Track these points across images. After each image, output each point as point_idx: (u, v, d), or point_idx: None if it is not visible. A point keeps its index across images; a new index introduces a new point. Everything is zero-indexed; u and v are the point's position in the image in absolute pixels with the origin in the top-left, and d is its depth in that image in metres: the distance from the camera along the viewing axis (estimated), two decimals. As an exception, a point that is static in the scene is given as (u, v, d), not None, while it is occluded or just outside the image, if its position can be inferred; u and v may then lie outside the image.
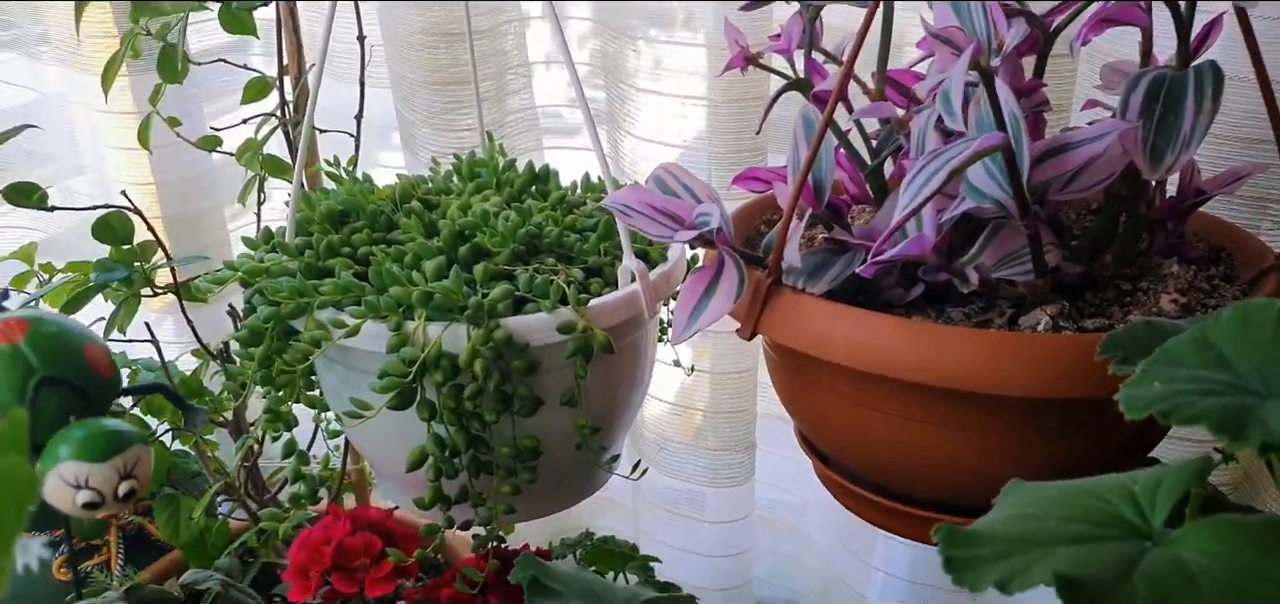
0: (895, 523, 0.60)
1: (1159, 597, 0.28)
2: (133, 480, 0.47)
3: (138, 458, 0.48)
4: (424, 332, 0.58)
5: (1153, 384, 0.32)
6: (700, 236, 0.52)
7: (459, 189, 0.74)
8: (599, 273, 0.65)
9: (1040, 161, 0.48)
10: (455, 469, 0.62)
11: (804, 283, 0.53)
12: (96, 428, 0.50)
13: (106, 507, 0.44)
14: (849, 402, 0.55)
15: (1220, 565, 0.29)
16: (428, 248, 0.63)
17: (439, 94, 0.89)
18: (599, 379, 0.63)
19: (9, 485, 0.19)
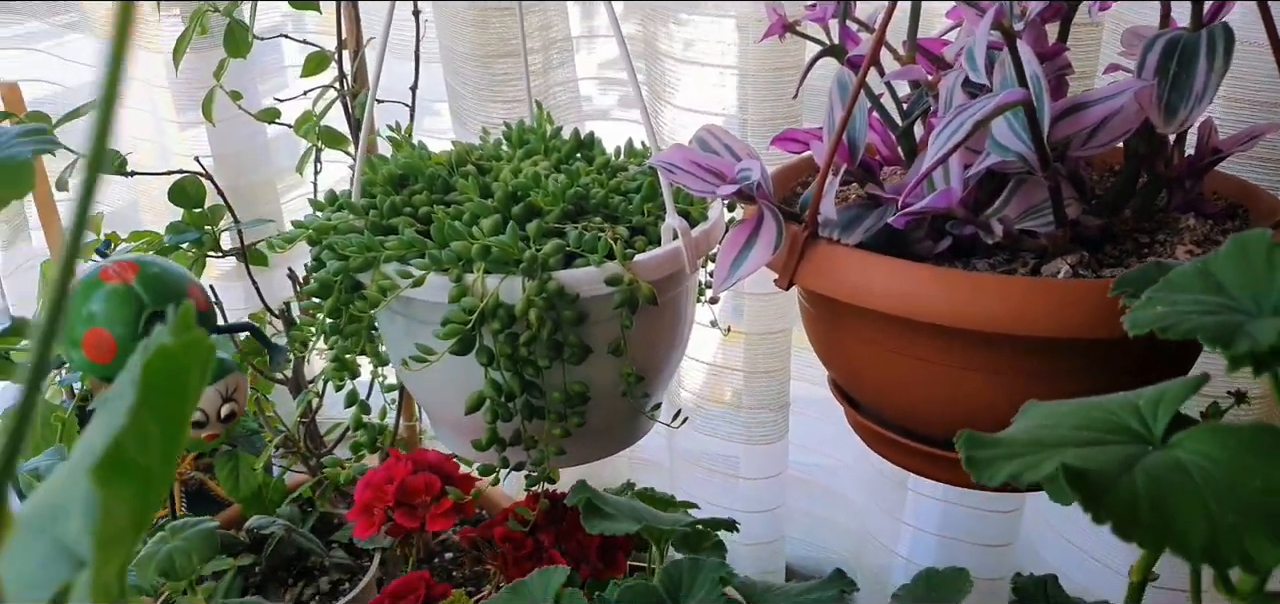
0: (926, 466, 0.63)
1: (1156, 488, 0.31)
2: (232, 403, 0.52)
3: (236, 383, 0.53)
4: (482, 283, 0.63)
5: (1156, 307, 0.35)
6: (740, 191, 0.56)
7: (509, 155, 0.78)
8: (642, 231, 0.69)
9: (1060, 118, 0.52)
10: (510, 412, 0.66)
11: (839, 234, 0.57)
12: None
13: (210, 427, 0.49)
14: (881, 348, 0.59)
15: (1212, 464, 0.32)
16: (484, 206, 0.67)
17: (487, 68, 0.93)
18: (643, 331, 0.67)
19: (196, 352, 0.23)
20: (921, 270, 0.53)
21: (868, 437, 0.67)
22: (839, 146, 0.56)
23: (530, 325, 0.62)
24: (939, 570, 0.74)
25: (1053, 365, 0.54)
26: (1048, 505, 0.94)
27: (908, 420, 0.63)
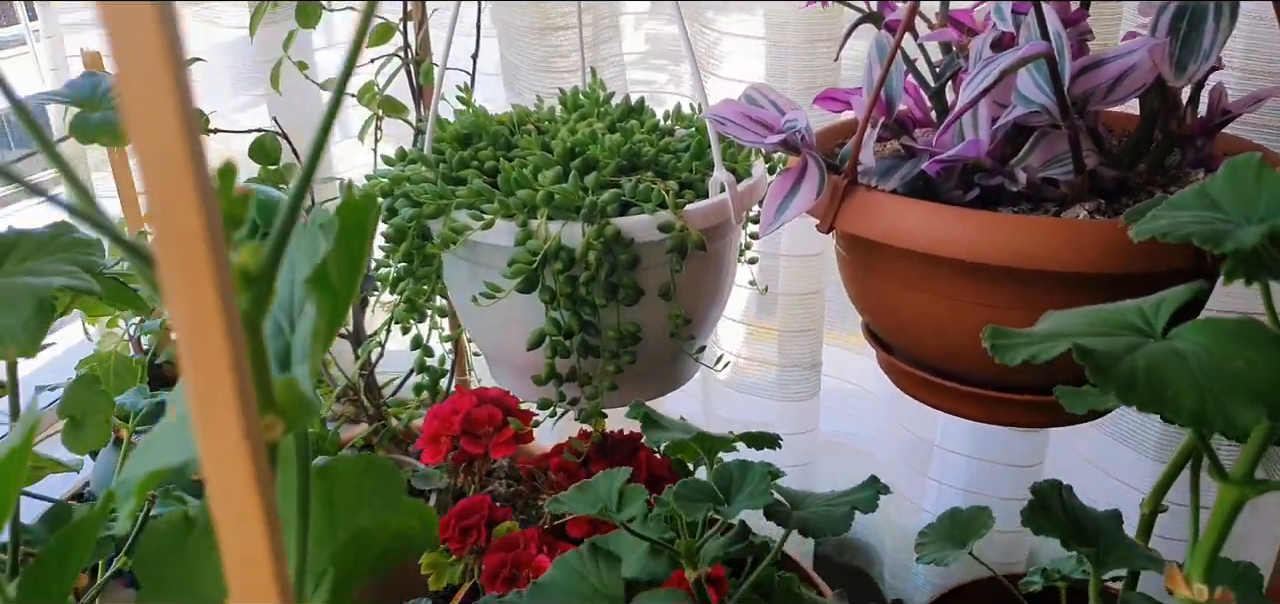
0: (955, 403, 0.68)
1: (1154, 365, 0.37)
2: None
3: None
4: (546, 227, 0.69)
5: (1158, 221, 0.40)
6: (786, 140, 0.62)
7: (564, 117, 0.84)
8: (690, 186, 0.74)
9: (1080, 74, 0.57)
10: (568, 349, 0.72)
11: (876, 181, 0.62)
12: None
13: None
14: (913, 288, 0.64)
15: (1203, 349, 0.37)
16: (546, 159, 0.73)
17: (542, 40, 0.99)
18: (691, 277, 0.73)
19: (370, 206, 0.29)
20: (951, 211, 0.59)
21: (897, 376, 0.72)
22: (877, 101, 0.62)
23: (589, 266, 0.68)
24: (962, 510, 0.79)
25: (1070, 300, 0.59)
26: (1067, 466, 0.99)
27: (937, 359, 0.68)
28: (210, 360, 0.19)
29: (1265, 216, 0.37)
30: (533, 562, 0.67)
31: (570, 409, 0.76)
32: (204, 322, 0.18)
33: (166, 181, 0.17)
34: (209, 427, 0.19)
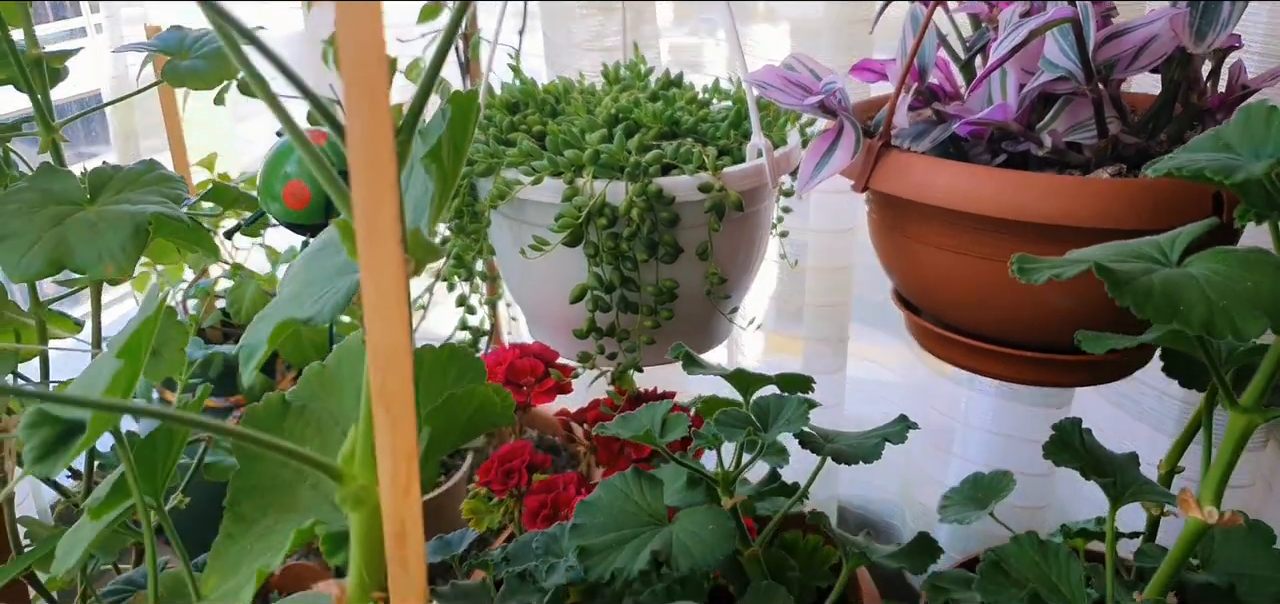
0: (980, 361, 0.72)
1: (1168, 285, 0.40)
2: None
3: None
4: (591, 185, 0.73)
5: (1175, 161, 0.44)
6: (823, 103, 0.65)
7: (607, 89, 0.88)
8: (727, 152, 0.78)
9: (1105, 43, 0.60)
10: (608, 304, 0.76)
11: (909, 144, 0.65)
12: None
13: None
14: (943, 248, 0.67)
15: (1214, 272, 0.41)
16: (592, 122, 0.77)
17: (582, 23, 1.03)
18: (727, 238, 0.77)
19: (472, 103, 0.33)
20: (981, 170, 0.62)
21: (925, 338, 0.75)
22: (911, 68, 0.65)
23: (631, 222, 0.72)
24: (984, 474, 0.82)
25: (1092, 259, 0.62)
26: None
27: (964, 319, 0.71)
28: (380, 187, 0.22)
29: (1274, 153, 0.40)
30: (572, 502, 0.71)
31: (608, 364, 0.80)
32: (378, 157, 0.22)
33: (366, 69, 0.21)
34: (373, 237, 0.23)
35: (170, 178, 0.59)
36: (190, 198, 0.61)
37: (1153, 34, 0.59)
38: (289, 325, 0.31)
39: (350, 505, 0.28)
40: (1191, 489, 0.48)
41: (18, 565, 0.57)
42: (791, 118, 0.85)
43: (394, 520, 0.26)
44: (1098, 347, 0.52)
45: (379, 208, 0.23)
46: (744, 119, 0.80)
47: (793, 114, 0.86)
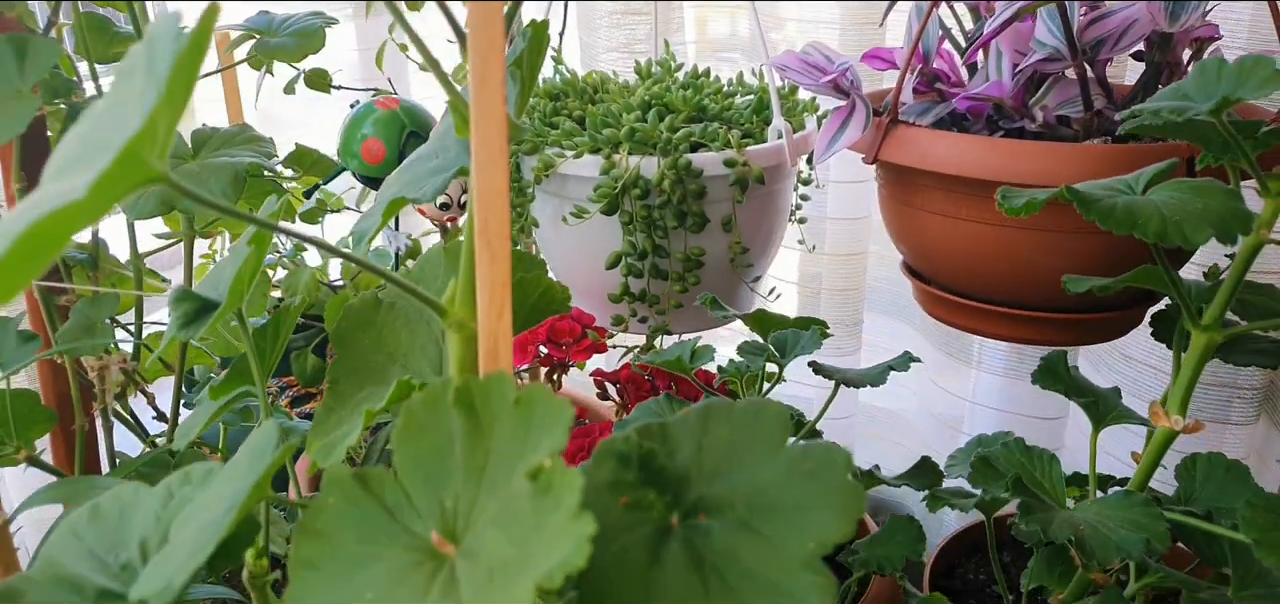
0: (982, 322, 0.78)
1: (1129, 205, 0.47)
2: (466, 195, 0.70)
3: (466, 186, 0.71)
4: (627, 160, 0.80)
5: (1142, 114, 0.50)
6: (836, 81, 0.72)
7: (640, 80, 0.96)
8: (750, 136, 0.85)
9: (1090, 25, 0.67)
10: (640, 271, 0.83)
11: (913, 119, 0.72)
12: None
13: (452, 210, 0.67)
14: (944, 215, 0.74)
15: (1169, 198, 0.47)
16: (628, 105, 0.85)
17: (618, 27, 1.11)
18: (749, 212, 0.84)
19: (545, 35, 0.41)
20: (978, 139, 0.69)
21: (931, 303, 0.82)
22: (915, 51, 0.72)
23: (663, 193, 0.79)
24: (988, 436, 0.88)
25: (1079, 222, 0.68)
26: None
27: (967, 283, 0.77)
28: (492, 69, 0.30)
29: (1221, 95, 0.47)
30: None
31: (640, 327, 0.87)
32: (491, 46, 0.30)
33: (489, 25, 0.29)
34: (484, 105, 0.30)
35: (259, 139, 0.68)
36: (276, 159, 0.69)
37: (1133, 17, 0.66)
38: (400, 202, 0.39)
39: (453, 330, 0.35)
40: (1160, 402, 0.54)
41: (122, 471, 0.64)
42: (809, 107, 0.93)
43: (488, 339, 0.33)
44: (1079, 287, 0.59)
45: (490, 84, 0.30)
46: (764, 108, 0.88)
47: (810, 104, 0.93)
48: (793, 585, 0.27)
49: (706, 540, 0.29)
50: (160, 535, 0.38)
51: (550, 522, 0.25)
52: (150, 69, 0.30)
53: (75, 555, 0.39)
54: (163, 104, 0.26)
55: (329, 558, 0.29)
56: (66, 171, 0.31)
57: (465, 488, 0.28)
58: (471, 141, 0.31)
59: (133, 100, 0.30)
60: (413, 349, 0.47)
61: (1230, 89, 0.47)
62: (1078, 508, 0.52)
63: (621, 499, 0.31)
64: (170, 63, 0.27)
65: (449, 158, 0.42)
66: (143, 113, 0.26)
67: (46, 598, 0.38)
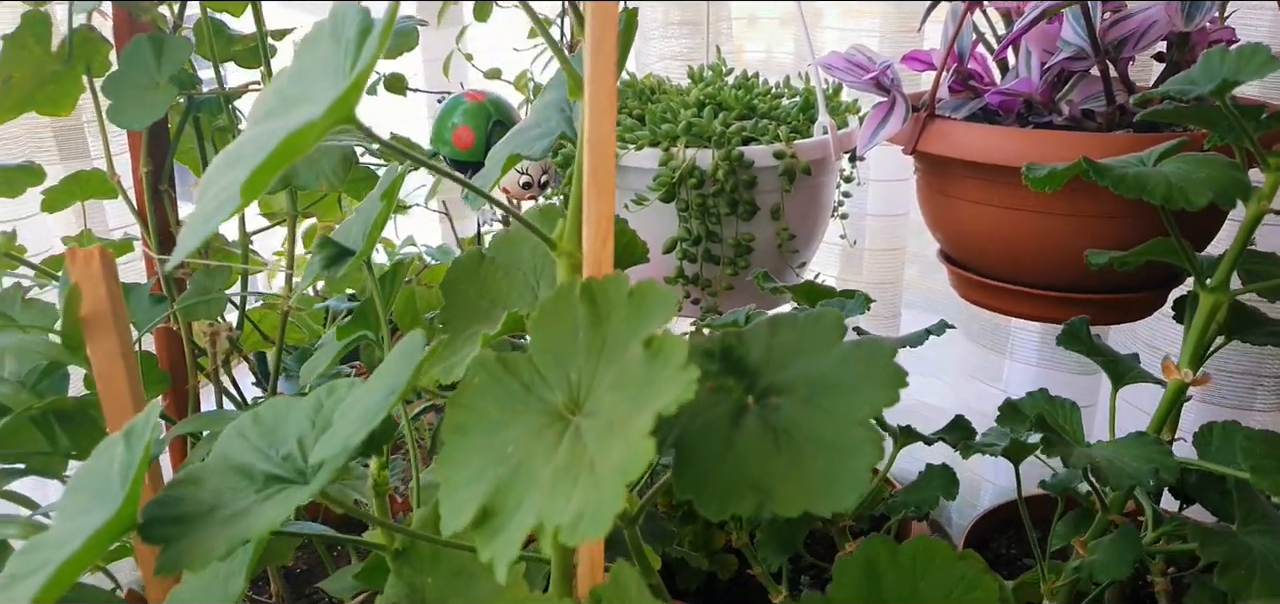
0: (1012, 303, 0.84)
1: (1140, 174, 0.53)
2: (547, 175, 0.77)
3: (548, 165, 0.79)
4: (683, 152, 0.88)
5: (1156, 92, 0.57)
6: (877, 79, 0.79)
7: (693, 83, 1.04)
8: (797, 132, 0.92)
9: (1113, 25, 0.74)
10: (695, 255, 0.90)
11: (949, 113, 0.79)
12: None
13: (532, 188, 0.74)
14: (978, 203, 0.80)
15: (1177, 168, 0.54)
16: (685, 102, 0.92)
17: (669, 37, 1.19)
18: (796, 202, 0.91)
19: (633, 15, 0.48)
20: (1010, 130, 0.76)
21: (966, 287, 0.88)
22: (951, 51, 0.79)
23: (717, 182, 0.86)
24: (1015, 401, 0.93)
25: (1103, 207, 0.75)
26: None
27: (1001, 267, 0.83)
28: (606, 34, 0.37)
29: (1223, 79, 0.54)
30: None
31: (693, 309, 0.94)
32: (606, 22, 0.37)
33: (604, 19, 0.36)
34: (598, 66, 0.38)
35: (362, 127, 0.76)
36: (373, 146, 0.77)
37: (1152, 18, 0.72)
38: (516, 158, 0.46)
39: (562, 259, 0.43)
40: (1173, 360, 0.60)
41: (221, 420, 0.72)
42: (851, 108, 1.00)
43: (593, 263, 0.41)
44: (1100, 259, 0.65)
45: (603, 48, 0.37)
46: (809, 108, 0.95)
47: (852, 105, 1.00)
48: (848, 440, 0.34)
49: (776, 413, 0.36)
50: (315, 434, 0.46)
51: (661, 376, 0.32)
52: (338, 38, 0.38)
53: (242, 450, 0.47)
54: (363, 71, 0.34)
55: (476, 423, 0.37)
56: (272, 116, 0.39)
57: (587, 364, 0.35)
58: (586, 95, 0.39)
59: (327, 65, 0.38)
60: (511, 294, 0.55)
61: (1231, 72, 0.53)
62: (1095, 446, 0.58)
63: (708, 384, 0.38)
64: (357, 36, 0.35)
65: (550, 126, 0.50)
66: (348, 73, 0.34)
67: (223, 481, 0.46)
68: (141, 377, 0.70)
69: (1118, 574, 0.57)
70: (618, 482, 0.30)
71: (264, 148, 0.31)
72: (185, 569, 0.39)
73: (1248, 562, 0.52)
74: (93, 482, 0.46)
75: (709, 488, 0.34)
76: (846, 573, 0.41)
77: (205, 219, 0.34)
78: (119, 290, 0.58)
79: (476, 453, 0.36)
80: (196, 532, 0.42)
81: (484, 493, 0.34)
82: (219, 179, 0.36)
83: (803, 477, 0.33)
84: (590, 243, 0.41)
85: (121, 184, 0.83)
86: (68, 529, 0.44)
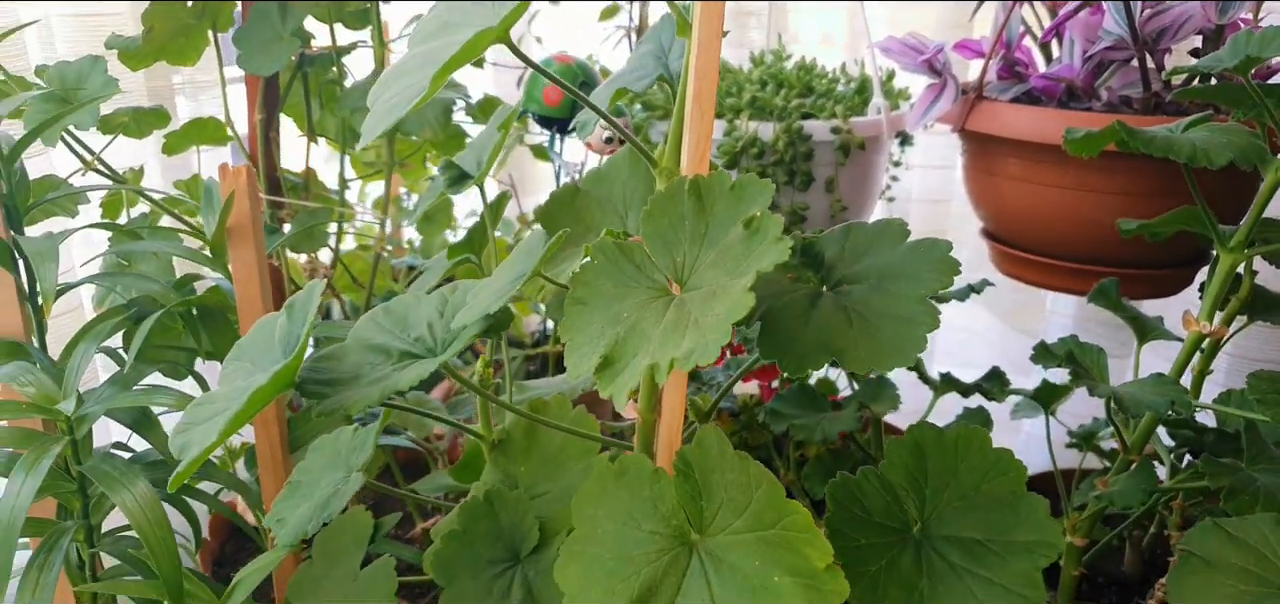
0: (1050, 277, 0.90)
1: (1169, 137, 0.60)
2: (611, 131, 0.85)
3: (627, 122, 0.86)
4: (746, 125, 0.95)
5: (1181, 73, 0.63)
6: (930, 61, 0.86)
7: (755, 65, 1.11)
8: (852, 111, 0.99)
9: (1151, 18, 0.80)
10: (753, 222, 0.97)
11: (996, 95, 0.86)
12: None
13: (613, 143, 0.82)
14: (1020, 180, 0.87)
15: (1202, 134, 0.60)
16: (749, 80, 0.99)
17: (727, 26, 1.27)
18: (849, 177, 0.98)
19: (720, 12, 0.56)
20: (1052, 111, 0.82)
21: (1007, 262, 0.94)
22: (1000, 38, 0.86)
23: (777, 152, 0.94)
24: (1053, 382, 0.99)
25: (1136, 185, 0.81)
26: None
27: (1040, 242, 0.90)
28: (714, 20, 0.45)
29: (1245, 56, 0.60)
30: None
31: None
32: None
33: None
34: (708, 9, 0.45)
35: (456, 84, 0.84)
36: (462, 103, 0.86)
37: (1188, 12, 0.78)
38: (623, 93, 0.54)
39: (663, 177, 0.50)
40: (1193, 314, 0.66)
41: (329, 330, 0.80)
42: (903, 94, 1.06)
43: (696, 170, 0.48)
44: (1130, 226, 0.71)
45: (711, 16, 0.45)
46: (863, 90, 1.02)
47: (903, 92, 1.07)
48: (911, 313, 0.41)
49: (848, 296, 0.43)
50: (443, 321, 0.54)
51: (758, 248, 0.39)
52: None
53: (376, 334, 0.55)
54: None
55: (594, 297, 0.44)
56: (435, 36, 0.47)
57: (691, 248, 0.43)
58: (694, 29, 0.46)
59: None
60: (603, 222, 0.63)
61: (1255, 50, 0.60)
62: (1118, 385, 0.64)
63: (789, 276, 0.45)
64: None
65: (648, 70, 0.58)
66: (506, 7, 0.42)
67: (361, 357, 0.53)
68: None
69: (1134, 502, 0.63)
70: (723, 324, 0.37)
71: (447, 51, 0.39)
72: (346, 411, 0.47)
73: (1252, 489, 0.58)
74: (252, 352, 0.54)
75: (791, 351, 0.41)
76: (897, 451, 0.48)
77: (388, 111, 0.42)
78: (259, 207, 0.66)
79: (596, 319, 0.43)
80: (348, 389, 0.50)
81: (604, 347, 0.42)
82: (395, 83, 0.44)
83: (872, 342, 0.40)
84: (692, 153, 0.48)
85: (235, 129, 0.92)
86: (232, 389, 0.52)
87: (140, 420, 0.65)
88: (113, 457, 0.62)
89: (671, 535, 0.45)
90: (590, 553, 0.46)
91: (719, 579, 0.43)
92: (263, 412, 0.68)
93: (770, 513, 0.43)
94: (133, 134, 0.91)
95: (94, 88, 0.73)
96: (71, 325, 0.77)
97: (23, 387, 0.61)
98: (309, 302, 0.51)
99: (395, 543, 0.70)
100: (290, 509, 0.57)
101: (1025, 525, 0.45)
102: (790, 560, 0.42)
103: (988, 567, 0.45)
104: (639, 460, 0.48)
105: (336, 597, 0.61)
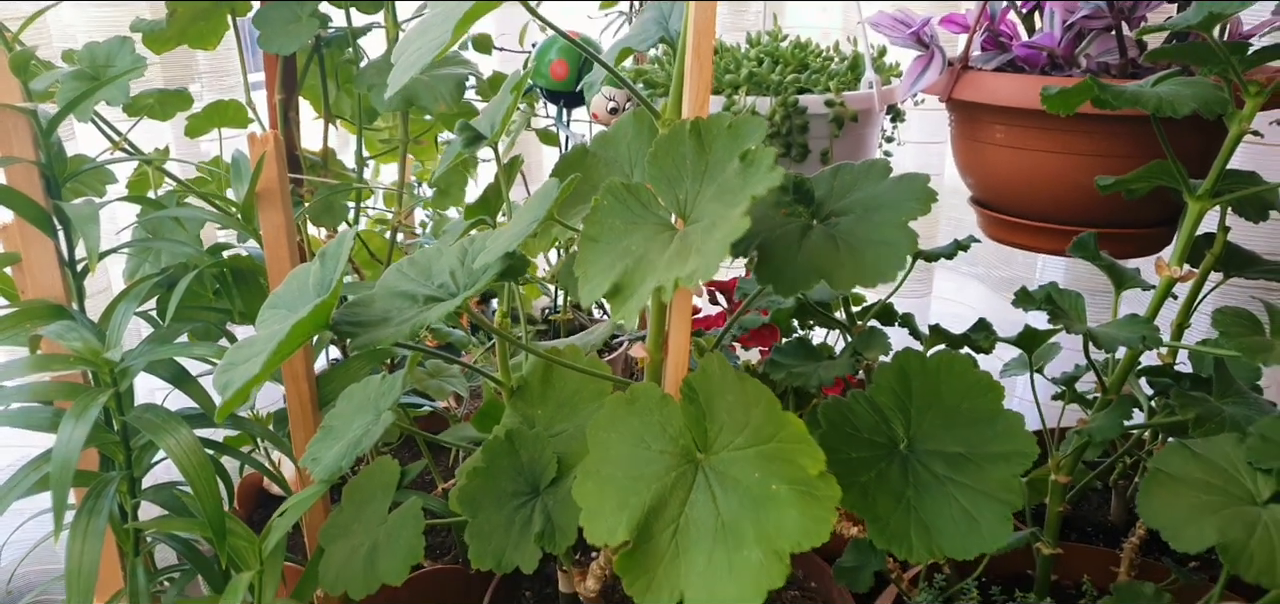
0: (1036, 239, 0.94)
1: (1136, 91, 0.64)
2: (629, 102, 0.89)
3: (628, 95, 0.91)
4: (744, 100, 0.99)
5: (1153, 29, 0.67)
6: (918, 34, 0.90)
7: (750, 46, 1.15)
8: (846, 86, 1.03)
9: (1127, -13, 0.84)
10: (751, 193, 1.01)
11: (981, 65, 0.90)
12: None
13: (618, 112, 0.86)
14: (1006, 147, 0.91)
15: (1168, 87, 0.64)
16: (747, 58, 1.04)
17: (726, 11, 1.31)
18: (843, 149, 1.02)
19: None
20: (1033, 78, 0.86)
21: (995, 227, 0.99)
22: (984, 11, 0.90)
23: (774, 126, 0.98)
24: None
25: (1114, 147, 0.85)
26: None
27: (1025, 206, 0.94)
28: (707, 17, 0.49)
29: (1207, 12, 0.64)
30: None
31: (747, 244, 1.05)
32: None
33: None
34: None
35: (467, 62, 0.88)
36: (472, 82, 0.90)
37: (1162, -19, 0.83)
38: (629, 51, 0.58)
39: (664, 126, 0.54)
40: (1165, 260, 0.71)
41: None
42: (894, 70, 1.11)
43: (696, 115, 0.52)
44: (1107, 182, 0.76)
45: None
46: (855, 67, 1.06)
47: (894, 68, 1.11)
48: (891, 236, 0.45)
49: (836, 227, 0.47)
50: (465, 268, 0.58)
51: (753, 178, 0.43)
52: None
53: (401, 282, 0.59)
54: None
55: (604, 234, 0.49)
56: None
57: (692, 185, 0.47)
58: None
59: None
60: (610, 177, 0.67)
61: (1218, 8, 0.64)
62: (1094, 325, 0.69)
63: (782, 211, 0.49)
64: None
65: (651, 33, 0.62)
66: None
67: (389, 302, 0.58)
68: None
69: (1112, 434, 0.67)
70: (722, 245, 0.41)
71: (449, 19, 0.43)
72: (380, 345, 0.51)
73: (1218, 418, 0.63)
74: (287, 300, 0.59)
75: (784, 275, 0.46)
76: (884, 375, 0.52)
77: (414, 62, 0.46)
78: (286, 172, 0.71)
79: (607, 253, 0.48)
80: (379, 328, 0.54)
81: (615, 276, 0.46)
82: (418, 39, 0.48)
83: (856, 263, 0.44)
84: (692, 101, 0.52)
85: (256, 110, 0.96)
86: (270, 331, 0.57)
87: (179, 376, 0.69)
88: (155, 406, 0.66)
89: (679, 454, 0.49)
90: (605, 473, 0.50)
91: (723, 491, 0.47)
92: (293, 368, 0.73)
93: (768, 428, 0.47)
94: (157, 116, 0.95)
95: (123, 65, 0.77)
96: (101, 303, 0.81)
97: (69, 342, 0.65)
98: (341, 248, 0.55)
99: (421, 494, 0.74)
100: (325, 449, 0.62)
101: (1002, 438, 0.49)
102: (787, 470, 0.46)
103: (969, 475, 0.49)
104: (649, 388, 0.52)
105: (367, 536, 0.65)
